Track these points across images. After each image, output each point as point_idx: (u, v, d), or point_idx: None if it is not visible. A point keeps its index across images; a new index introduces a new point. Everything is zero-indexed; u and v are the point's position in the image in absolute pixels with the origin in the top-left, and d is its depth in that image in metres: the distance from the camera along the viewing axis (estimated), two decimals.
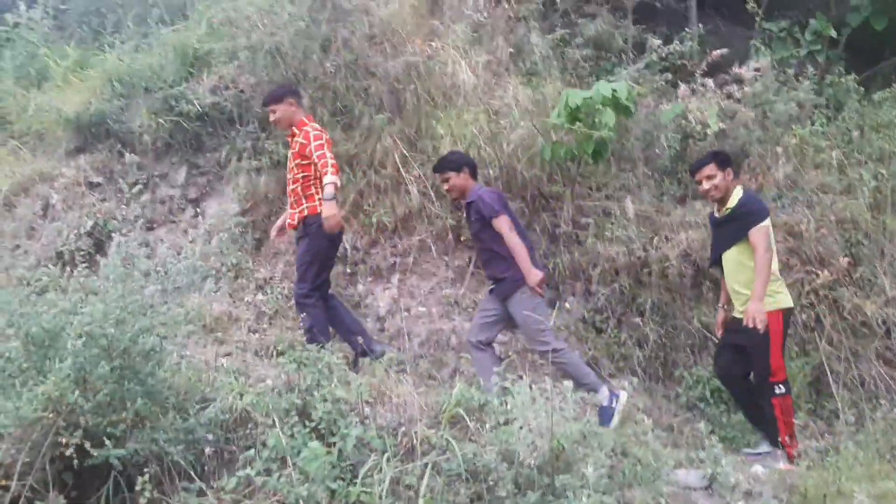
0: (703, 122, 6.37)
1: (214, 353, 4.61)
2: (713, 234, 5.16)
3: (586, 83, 6.97)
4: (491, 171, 6.37)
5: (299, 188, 5.23)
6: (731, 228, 4.86)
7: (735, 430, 5.26)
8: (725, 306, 5.13)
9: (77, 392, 3.23)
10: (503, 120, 6.59)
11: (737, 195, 4.88)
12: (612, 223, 6.31)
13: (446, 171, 5.29)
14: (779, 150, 6.57)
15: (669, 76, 7.30)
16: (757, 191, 6.32)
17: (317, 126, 5.28)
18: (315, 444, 3.02)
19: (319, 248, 5.18)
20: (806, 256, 6.06)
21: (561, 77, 7.20)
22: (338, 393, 3.76)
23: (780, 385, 4.62)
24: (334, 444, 3.54)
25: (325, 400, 3.75)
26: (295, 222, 5.24)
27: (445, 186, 5.36)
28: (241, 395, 3.75)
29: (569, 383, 3.86)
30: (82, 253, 6.09)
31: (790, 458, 4.57)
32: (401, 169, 6.47)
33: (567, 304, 6.30)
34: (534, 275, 4.88)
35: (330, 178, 4.98)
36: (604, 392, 4.86)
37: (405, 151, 6.46)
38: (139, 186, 6.14)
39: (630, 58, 7.68)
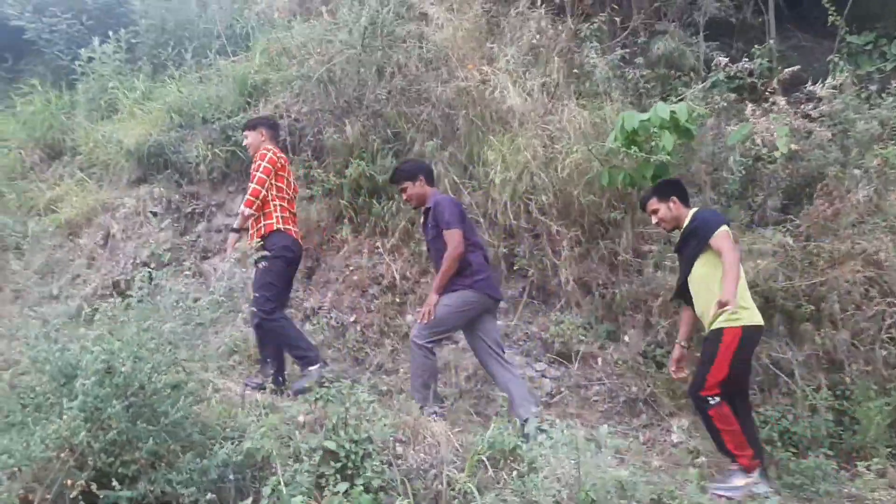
0: (771, 143, 5.95)
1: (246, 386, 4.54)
2: (678, 264, 4.96)
3: (652, 104, 6.65)
4: (545, 198, 6.14)
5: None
6: (689, 247, 4.65)
7: (804, 477, 4.83)
8: (684, 343, 4.87)
9: (86, 432, 3.19)
10: (558, 144, 6.35)
11: (688, 216, 4.71)
12: None
13: (402, 182, 5.18)
14: (857, 172, 6.09)
15: (739, 95, 6.90)
16: (833, 216, 5.88)
17: (272, 155, 5.39)
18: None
19: (278, 269, 5.23)
20: (887, 287, 5.58)
21: (623, 98, 6.90)
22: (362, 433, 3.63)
23: (714, 396, 4.34)
24: (364, 485, 3.43)
25: (354, 441, 3.65)
26: (253, 242, 5.25)
27: (404, 196, 5.25)
28: (264, 434, 3.66)
29: (604, 428, 3.63)
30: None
31: (748, 469, 4.32)
32: (452, 196, 6.31)
33: (626, 337, 5.99)
34: (433, 300, 4.82)
35: (241, 208, 5.35)
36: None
37: (456, 178, 6.31)
38: (167, 220, 6.20)
39: (702, 76, 7.32)
